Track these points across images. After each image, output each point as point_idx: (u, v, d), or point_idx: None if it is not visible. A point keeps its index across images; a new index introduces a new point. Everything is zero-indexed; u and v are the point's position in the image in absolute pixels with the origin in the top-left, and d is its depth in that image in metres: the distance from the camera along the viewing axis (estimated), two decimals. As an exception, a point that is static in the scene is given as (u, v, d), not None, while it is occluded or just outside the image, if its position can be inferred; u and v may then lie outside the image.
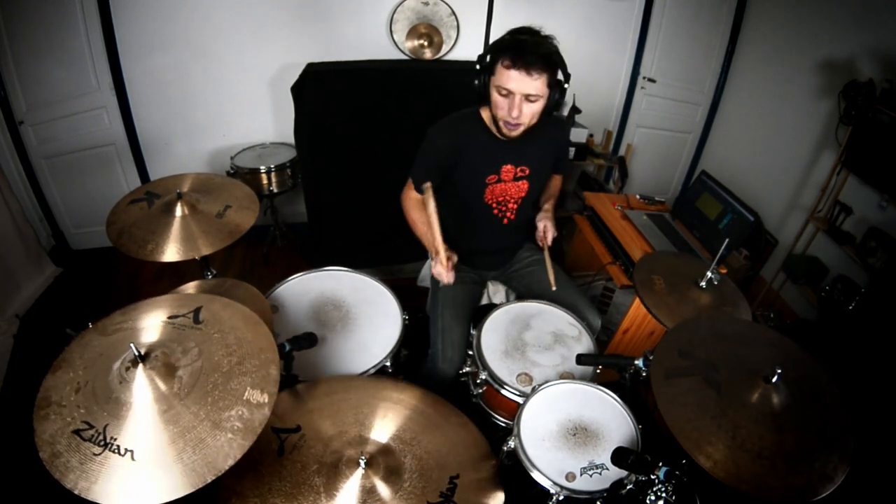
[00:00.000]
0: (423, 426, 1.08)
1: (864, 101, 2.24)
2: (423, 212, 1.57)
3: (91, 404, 0.82)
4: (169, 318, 0.98)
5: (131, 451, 0.77)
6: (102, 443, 0.77)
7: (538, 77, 1.33)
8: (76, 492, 0.73)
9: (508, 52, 1.33)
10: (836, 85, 2.43)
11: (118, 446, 0.77)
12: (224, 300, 1.04)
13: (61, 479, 0.74)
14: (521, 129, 1.44)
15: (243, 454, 0.79)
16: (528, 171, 1.61)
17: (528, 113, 1.39)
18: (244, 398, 0.85)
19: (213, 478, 0.76)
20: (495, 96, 1.40)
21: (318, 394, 1.14)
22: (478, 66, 1.42)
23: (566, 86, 1.41)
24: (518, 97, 1.36)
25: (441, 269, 1.49)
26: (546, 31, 1.39)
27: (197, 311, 1.00)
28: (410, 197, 1.63)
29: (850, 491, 0.95)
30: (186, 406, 0.83)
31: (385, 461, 0.98)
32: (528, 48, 1.32)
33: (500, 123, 1.45)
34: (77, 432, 0.78)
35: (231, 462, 0.78)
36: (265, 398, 0.86)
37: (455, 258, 1.53)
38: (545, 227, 1.72)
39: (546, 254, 1.68)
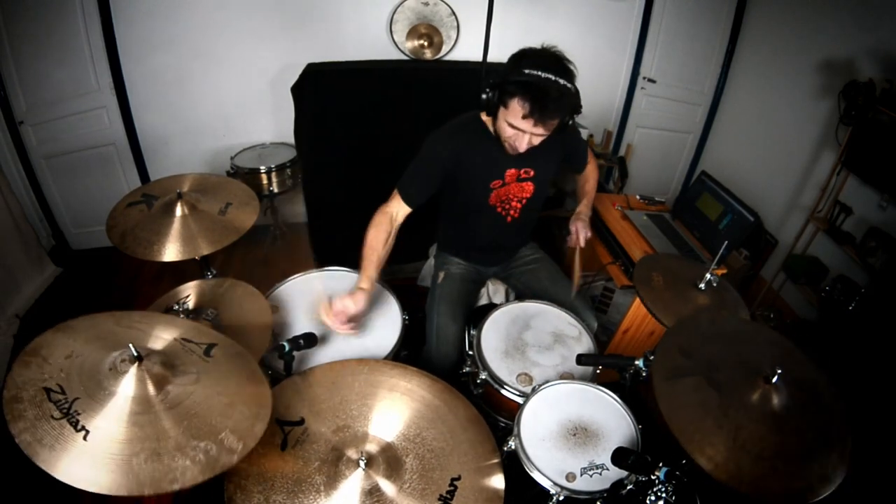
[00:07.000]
0: (430, 421, 1.07)
1: (864, 102, 2.23)
2: (383, 232, 1.46)
3: (73, 374, 0.83)
4: (183, 339, 0.99)
5: (87, 432, 0.77)
6: (66, 410, 0.78)
7: (552, 125, 1.31)
8: (16, 439, 0.73)
9: (527, 97, 1.25)
10: (836, 85, 2.43)
11: (77, 421, 0.77)
12: (240, 347, 1.03)
13: (10, 424, 0.74)
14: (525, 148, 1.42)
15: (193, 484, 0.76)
16: (532, 173, 1.59)
17: (535, 142, 1.39)
18: (219, 437, 0.83)
19: (149, 493, 0.74)
20: (503, 125, 1.37)
21: (323, 381, 1.13)
22: (491, 82, 1.33)
23: (576, 116, 1.38)
24: (528, 136, 1.35)
25: (344, 306, 1.34)
26: (555, 41, 1.32)
27: (210, 346, 1.00)
28: (385, 212, 1.49)
29: (850, 491, 0.95)
30: (159, 418, 0.82)
31: (386, 461, 0.98)
32: (550, 100, 1.25)
33: (504, 144, 1.43)
34: (47, 390, 0.79)
35: (176, 487, 0.76)
36: (239, 447, 0.84)
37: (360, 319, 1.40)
38: (577, 230, 1.66)
39: (577, 257, 1.64)
